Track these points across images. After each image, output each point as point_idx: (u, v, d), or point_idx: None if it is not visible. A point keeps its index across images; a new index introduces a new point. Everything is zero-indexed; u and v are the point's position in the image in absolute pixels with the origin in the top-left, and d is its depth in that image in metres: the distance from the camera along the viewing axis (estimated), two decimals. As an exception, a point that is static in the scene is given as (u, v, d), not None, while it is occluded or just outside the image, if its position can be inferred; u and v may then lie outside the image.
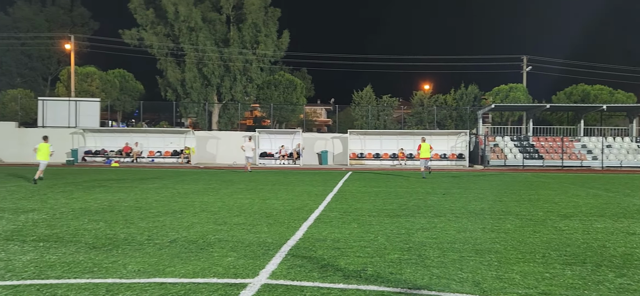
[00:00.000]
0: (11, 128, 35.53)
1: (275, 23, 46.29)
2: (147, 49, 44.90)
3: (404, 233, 8.28)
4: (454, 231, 8.52)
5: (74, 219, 9.23)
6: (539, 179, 21.85)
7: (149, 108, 52.76)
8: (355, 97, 45.35)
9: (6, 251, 6.55)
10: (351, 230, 8.45)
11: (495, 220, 9.71)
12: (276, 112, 43.51)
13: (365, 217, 9.90)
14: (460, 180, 21.11)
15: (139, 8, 44.70)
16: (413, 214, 10.43)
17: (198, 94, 44.33)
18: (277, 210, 10.87)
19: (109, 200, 12.17)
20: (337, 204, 12.01)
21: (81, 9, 63.08)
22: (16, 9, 57.27)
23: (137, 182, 17.83)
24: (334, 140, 36.97)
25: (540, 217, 10.18)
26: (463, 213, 10.71)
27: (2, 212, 9.98)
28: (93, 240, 7.36)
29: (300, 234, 8.05)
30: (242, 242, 7.34)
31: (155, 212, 10.24)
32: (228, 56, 44.16)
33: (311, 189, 15.83)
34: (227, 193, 14.13)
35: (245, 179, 20.03)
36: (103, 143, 35.27)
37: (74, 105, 36.24)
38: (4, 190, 14.29)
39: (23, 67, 56.50)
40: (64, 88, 44.13)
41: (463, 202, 12.64)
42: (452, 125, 42.33)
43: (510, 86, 44.73)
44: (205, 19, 44.37)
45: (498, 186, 17.80)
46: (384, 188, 16.62)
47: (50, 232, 7.91)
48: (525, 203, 12.50)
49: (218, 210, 10.75)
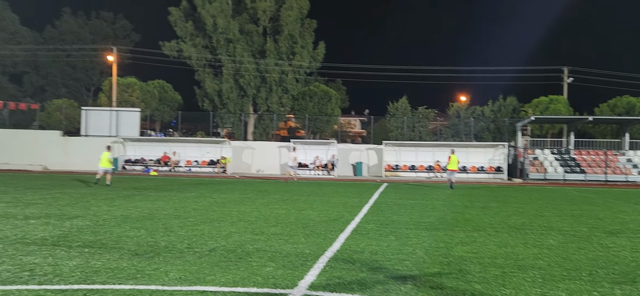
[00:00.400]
0: (56, 136, 36.79)
1: (311, 34, 46.63)
2: (185, 60, 45.90)
3: (443, 247, 8.16)
4: (494, 246, 8.34)
5: (116, 226, 9.46)
6: (582, 194, 21.20)
7: (186, 118, 53.80)
8: (391, 108, 45.11)
9: (54, 256, 6.75)
10: (389, 243, 8.37)
11: (537, 236, 9.46)
12: (311, 123, 43.69)
13: (403, 230, 9.79)
14: (499, 193, 20.67)
15: (178, 20, 45.82)
16: (451, 228, 10.26)
17: (234, 105, 44.97)
18: (314, 220, 10.87)
19: (149, 208, 12.42)
20: (373, 216, 11.93)
21: (123, 22, 65.18)
22: (63, 22, 59.63)
23: (175, 191, 18.17)
24: (369, 151, 36.82)
25: (584, 233, 9.86)
26: (503, 227, 10.48)
27: (48, 218, 10.32)
28: (135, 247, 7.52)
29: (337, 245, 8.03)
30: (280, 252, 7.37)
31: (194, 221, 10.39)
32: (264, 67, 44.69)
33: (346, 200, 15.79)
34: (263, 203, 14.23)
35: (281, 189, 20.14)
36: (142, 152, 36.11)
37: (115, 114, 37.28)
38: (50, 197, 14.78)
39: (68, 77, 58.66)
40: (106, 98, 45.48)
41: (503, 216, 12.36)
42: (489, 137, 41.56)
43: (550, 98, 43.65)
44: (242, 31, 45.08)
45: (538, 200, 17.35)
46: (420, 200, 16.43)
47: (95, 238, 8.12)
48: (568, 219, 12.14)
49: (255, 219, 10.83)
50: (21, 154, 35.34)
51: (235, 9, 46.57)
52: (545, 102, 43.28)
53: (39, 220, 9.95)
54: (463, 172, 34.04)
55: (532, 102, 44.59)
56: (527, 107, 44.67)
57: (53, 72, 57.14)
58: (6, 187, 18.00)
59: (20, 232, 8.54)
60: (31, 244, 7.53)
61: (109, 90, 44.96)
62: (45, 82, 57.49)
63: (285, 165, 35.83)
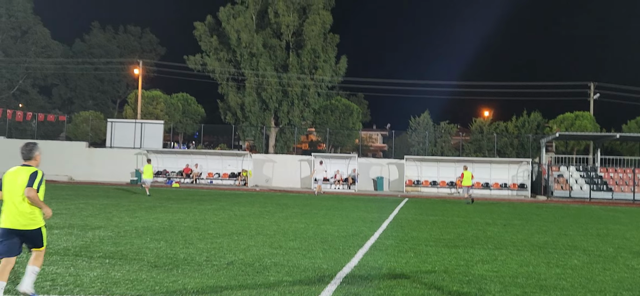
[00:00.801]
0: (82, 148, 37.53)
1: (333, 49, 46.81)
2: (209, 74, 46.50)
3: (462, 264, 8.05)
4: (515, 265, 8.19)
5: (137, 237, 9.58)
6: (608, 213, 20.69)
7: (209, 131, 54.40)
8: (412, 122, 44.88)
9: (75, 266, 6.87)
10: (408, 259, 8.30)
11: (561, 255, 9.26)
12: (332, 137, 43.71)
13: (422, 247, 9.69)
14: (522, 211, 20.32)
15: (203, 35, 46.54)
16: (472, 245, 10.12)
17: (256, 118, 45.31)
18: (332, 235, 10.84)
19: (169, 220, 12.55)
20: (392, 232, 11.84)
21: (150, 36, 66.54)
22: (92, 36, 61.16)
23: (196, 203, 18.32)
24: (390, 165, 36.60)
25: (610, 254, 9.62)
26: (525, 245, 10.29)
27: (72, 228, 10.50)
28: (155, 259, 7.59)
29: (355, 261, 7.99)
30: (297, 267, 7.36)
31: (213, 233, 10.46)
32: (286, 81, 44.98)
33: (366, 215, 15.71)
34: (283, 217, 14.25)
35: (301, 203, 20.15)
36: (165, 164, 36.56)
37: (139, 126, 37.89)
38: (74, 207, 15.06)
39: (95, 90, 59.99)
40: (131, 110, 46.29)
41: (525, 234, 12.15)
42: (513, 153, 40.96)
43: (576, 114, 42.84)
44: (266, 45, 45.52)
45: (562, 218, 17.00)
46: (441, 217, 16.25)
47: (115, 249, 8.23)
48: (593, 238, 11.86)
49: (273, 233, 10.85)
50: (48, 165, 35.85)
51: (259, 24, 47.09)
52: (571, 118, 42.50)
53: (62, 230, 10.14)
54: (485, 189, 33.59)
55: (557, 117, 43.84)
56: (552, 123, 43.92)
57: (81, 85, 58.52)
58: (33, 197, 18.38)
59: (43, 242, 8.72)
60: (54, 254, 7.67)
61: (135, 103, 45.76)
62: (73, 94, 58.88)
63: (305, 179, 35.89)
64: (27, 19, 50.13)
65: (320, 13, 45.38)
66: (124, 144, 37.20)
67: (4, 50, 49.23)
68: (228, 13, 44.85)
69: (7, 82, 50.03)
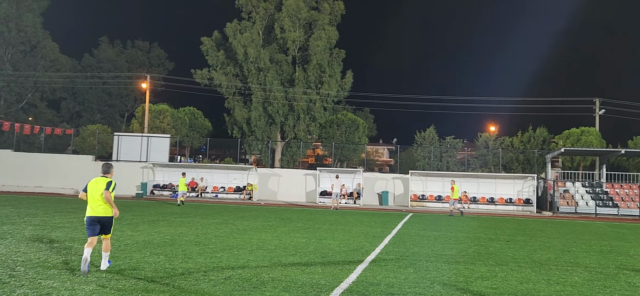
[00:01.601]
0: (88, 161, 37.73)
1: (339, 64, 47.01)
2: (216, 88, 46.79)
3: (462, 281, 8.01)
4: (515, 281, 8.14)
5: (137, 251, 9.60)
6: (613, 229, 20.50)
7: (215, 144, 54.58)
8: (418, 137, 44.84)
9: (72, 281, 6.90)
10: (407, 275, 8.26)
11: (562, 272, 9.19)
12: (338, 151, 43.73)
13: (422, 262, 9.65)
14: (526, 226, 20.18)
15: (210, 50, 46.92)
16: (473, 261, 10.06)
17: (262, 132, 45.44)
18: (333, 250, 10.82)
19: (171, 234, 12.58)
20: (394, 247, 11.80)
21: (158, 51, 67.19)
22: (101, 50, 61.83)
23: (199, 217, 18.35)
24: (395, 180, 36.51)
25: (612, 271, 9.53)
26: (527, 262, 10.22)
27: (73, 242, 10.55)
28: (152, 273, 7.61)
29: (354, 277, 7.96)
30: (295, 282, 7.35)
31: (214, 248, 10.47)
32: (293, 95, 45.17)
33: (369, 230, 15.67)
34: (285, 232, 14.24)
35: (304, 218, 20.12)
36: (170, 177, 36.65)
37: (145, 140, 38.09)
38: (77, 221, 15.11)
39: (103, 104, 60.50)
40: (139, 124, 46.59)
41: (528, 251, 12.06)
42: (518, 168, 40.77)
43: (581, 130, 42.64)
44: (272, 60, 45.80)
45: (567, 234, 16.86)
46: (444, 232, 16.17)
47: (114, 264, 8.25)
48: (596, 255, 11.75)
49: (274, 248, 10.84)
50: (54, 178, 36.36)
51: (265, 39, 47.47)
52: (577, 133, 42.29)
53: (63, 244, 10.19)
54: (491, 204, 33.42)
55: (562, 133, 43.66)
56: (558, 138, 43.73)
57: (89, 99, 59.03)
58: (36, 210, 18.50)
59: (43, 255, 8.76)
60: (52, 268, 7.71)
61: (142, 117, 46.06)
62: (81, 108, 59.37)
63: (311, 193, 35.85)
64: (37, 34, 50.75)
65: (325, 28, 45.68)
66: (130, 157, 37.38)
67: (13, 64, 49.82)
68: (235, 28, 45.22)
69: (16, 95, 50.56)
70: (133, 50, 65.94)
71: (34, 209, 18.98)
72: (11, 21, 48.97)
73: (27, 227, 12.87)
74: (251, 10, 47.06)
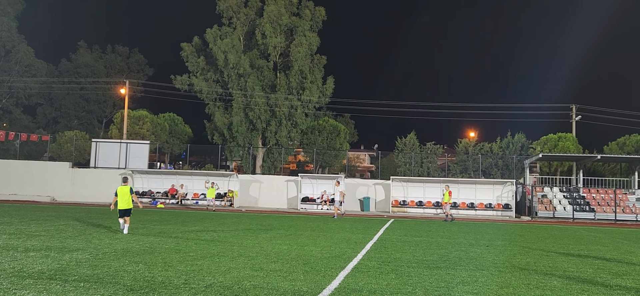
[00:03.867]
0: (65, 168, 37.07)
1: (320, 70, 47.07)
2: (196, 94, 46.45)
3: (443, 286, 8.04)
4: (496, 286, 8.20)
5: (116, 260, 9.44)
6: (590, 233, 20.85)
7: (195, 151, 54.17)
8: (399, 143, 45.08)
9: (48, 290, 6.74)
10: (389, 281, 8.27)
11: (541, 276, 9.29)
12: (319, 157, 43.74)
13: (404, 268, 9.67)
14: (506, 231, 20.41)
15: (190, 56, 46.57)
16: (454, 266, 10.12)
17: (243, 138, 45.22)
18: (315, 257, 10.78)
19: (150, 242, 12.40)
20: (376, 253, 11.81)
21: (138, 56, 66.51)
22: (78, 55, 60.94)
23: (179, 225, 18.14)
24: (376, 186, 36.63)
25: (589, 275, 9.67)
26: (507, 267, 10.32)
27: (49, 250, 10.33)
28: (131, 282, 7.48)
29: (336, 283, 7.94)
30: (276, 289, 7.29)
31: (194, 255, 10.34)
32: (274, 101, 45.06)
33: (351, 236, 15.66)
34: (266, 238, 14.15)
35: (285, 224, 20.05)
36: (150, 184, 36.21)
37: (124, 146, 37.59)
38: (53, 229, 14.82)
39: (80, 109, 59.55)
40: (117, 130, 45.99)
41: (507, 255, 12.18)
42: (498, 174, 41.27)
43: (559, 135, 43.42)
44: (253, 66, 45.64)
45: (545, 239, 17.09)
46: (426, 237, 16.25)
47: (92, 272, 8.10)
48: (574, 259, 11.92)
49: (256, 255, 10.75)
50: (30, 185, 35.64)
51: (246, 45, 47.33)
52: (554, 139, 43.03)
53: (39, 253, 9.96)
54: (470, 209, 33.73)
55: (540, 139, 44.39)
56: (536, 144, 44.44)
57: (66, 104, 58.05)
58: (11, 218, 18.09)
59: (18, 265, 8.55)
60: (27, 277, 7.53)
61: (121, 123, 45.49)
62: (58, 114, 58.34)
63: (292, 199, 35.74)
64: (12, 38, 49.75)
65: (306, 34, 45.76)
66: (108, 164, 36.84)
67: (-13, 69, 48.81)
68: (215, 34, 45.00)
69: (-10, 101, 49.53)
70: (112, 55, 65.20)
71: (9, 217, 18.55)
72: (-15, 25, 48.00)
73: (1, 236, 12.56)
74: (232, 16, 46.90)
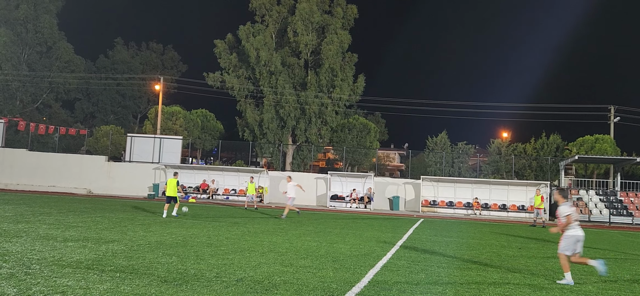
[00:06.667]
0: (101, 162, 38.10)
1: (351, 68, 47.02)
2: (228, 91, 47.03)
3: (474, 287, 7.95)
4: (528, 289, 8.07)
5: (150, 252, 9.67)
6: (627, 238, 20.26)
7: (226, 147, 54.82)
8: (430, 142, 44.66)
9: (86, 279, 6.96)
10: (418, 281, 8.23)
11: (576, 281, 9.07)
12: (349, 155, 43.70)
13: (434, 268, 9.61)
14: (539, 234, 20.01)
15: (223, 53, 47.17)
16: (485, 268, 9.99)
17: (274, 135, 45.56)
18: (344, 254, 10.80)
19: (183, 235, 12.65)
20: (405, 252, 11.76)
21: (172, 53, 67.73)
22: (115, 52, 62.48)
23: (210, 219, 18.43)
24: (406, 185, 36.41)
25: (626, 281, 9.41)
26: (540, 270, 10.14)
27: (86, 241, 10.65)
28: (165, 273, 7.66)
29: (365, 281, 7.94)
30: (306, 286, 7.35)
31: (225, 250, 10.50)
32: (304, 99, 45.23)
33: (380, 235, 15.63)
34: (296, 235, 14.25)
35: (315, 221, 20.12)
36: (182, 179, 36.84)
37: (158, 141, 38.36)
38: (90, 220, 15.26)
39: (117, 105, 61.10)
40: (151, 125, 46.94)
41: (540, 258, 11.96)
42: (531, 175, 40.45)
43: (596, 137, 42.21)
44: (284, 64, 45.94)
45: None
46: (456, 238, 16.09)
47: (127, 263, 8.33)
48: (610, 263, 11.61)
49: (285, 251, 10.85)
50: (68, 178, 36.75)
51: (278, 43, 47.66)
52: (591, 141, 41.87)
53: (77, 243, 10.28)
54: (503, 210, 33.19)
55: (576, 140, 43.25)
56: (572, 145, 43.33)
57: (103, 99, 59.66)
58: (51, 209, 18.70)
59: (57, 254, 8.85)
60: (66, 266, 7.79)
61: (155, 118, 46.42)
62: (95, 109, 60.00)
63: (321, 197, 35.83)
64: (53, 35, 51.37)
65: (338, 32, 45.75)
66: (142, 158, 37.68)
67: (29, 65, 50.48)
68: (247, 31, 45.44)
69: (31, 96, 51.21)
70: (147, 52, 66.55)
71: (48, 208, 19.19)
72: (29, 22, 49.66)
73: (42, 226, 13.01)
74: (264, 13, 47.28)
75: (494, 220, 29.23)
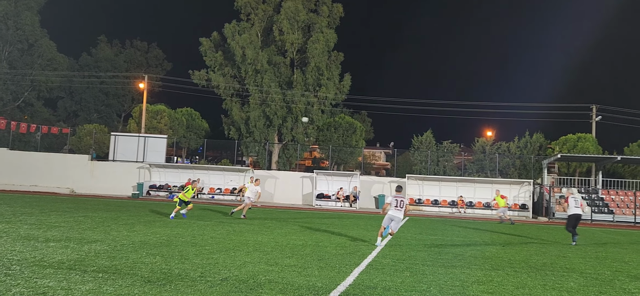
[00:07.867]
0: (84, 161, 37.63)
1: (337, 67, 47.03)
2: (214, 89, 46.76)
3: (458, 285, 8.01)
4: (511, 286, 8.15)
5: (133, 252, 9.58)
6: (608, 235, 20.57)
7: (212, 146, 54.50)
8: (415, 141, 44.86)
9: (68, 280, 6.87)
10: (403, 279, 8.26)
11: (558, 277, 9.21)
12: (335, 154, 43.72)
13: (419, 266, 9.66)
14: (522, 231, 20.22)
15: (208, 51, 46.88)
16: (469, 265, 10.07)
17: (260, 134, 45.42)
18: (330, 253, 10.81)
19: (167, 235, 12.55)
20: (390, 250, 11.80)
21: (157, 51, 67.15)
22: (99, 49, 61.78)
23: (195, 218, 18.32)
24: (392, 184, 36.51)
25: (607, 277, 9.56)
26: (523, 267, 10.24)
27: (68, 241, 10.52)
28: (149, 274, 7.59)
29: (350, 280, 7.96)
30: (291, 285, 7.34)
31: (210, 249, 10.45)
32: (290, 98, 45.16)
33: (366, 233, 15.68)
34: (281, 233, 14.22)
35: (301, 220, 20.11)
36: (167, 178, 36.60)
37: (142, 140, 38.00)
38: (72, 220, 15.07)
39: (100, 103, 60.39)
40: (136, 124, 46.49)
41: (524, 256, 12.08)
42: (515, 174, 40.85)
43: (578, 136, 42.75)
44: (270, 62, 45.80)
45: (563, 240, 16.90)
46: (441, 236, 16.19)
47: (110, 264, 8.24)
48: (592, 261, 11.78)
49: (271, 250, 10.82)
50: (50, 177, 36.24)
51: (263, 41, 47.49)
52: (573, 139, 42.39)
53: (59, 243, 10.15)
54: (487, 209, 33.49)
55: (559, 139, 43.78)
56: (554, 144, 43.85)
57: (86, 98, 58.91)
58: (32, 209, 18.44)
59: (39, 254, 8.73)
60: (48, 267, 7.68)
61: (139, 117, 45.98)
62: (78, 108, 59.22)
63: (307, 196, 35.81)
64: (34, 32, 50.57)
65: (324, 31, 45.74)
66: (126, 157, 37.30)
67: (10, 62, 49.66)
68: (233, 30, 45.22)
69: (12, 94, 50.35)
70: (131, 49, 65.91)
71: (30, 208, 18.91)
72: (10, 19, 48.85)
73: (23, 226, 12.82)
74: (250, 11, 47.10)
75: (478, 218, 29.48)
